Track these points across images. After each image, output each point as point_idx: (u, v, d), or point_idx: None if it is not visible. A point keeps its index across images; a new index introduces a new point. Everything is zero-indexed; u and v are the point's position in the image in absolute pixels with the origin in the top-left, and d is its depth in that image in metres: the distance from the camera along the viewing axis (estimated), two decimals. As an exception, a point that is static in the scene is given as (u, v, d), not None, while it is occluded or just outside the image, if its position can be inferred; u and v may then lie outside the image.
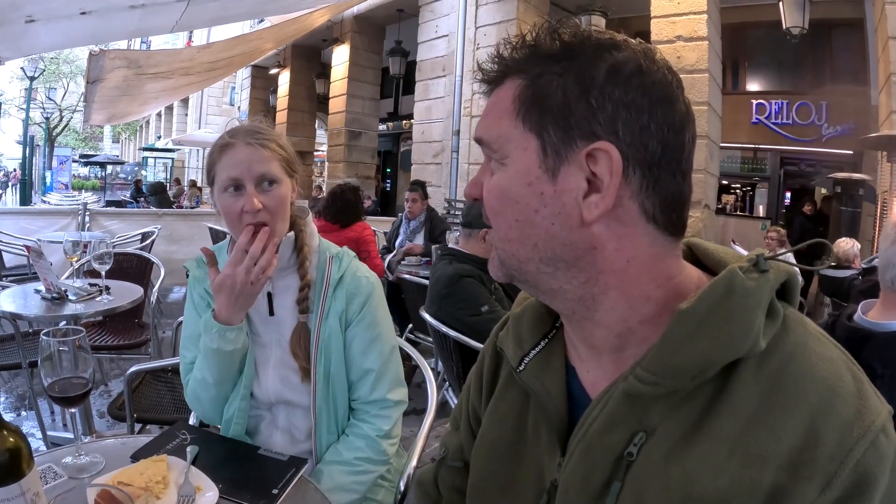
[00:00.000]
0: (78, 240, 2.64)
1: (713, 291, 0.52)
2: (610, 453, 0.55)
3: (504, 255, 0.59)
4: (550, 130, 0.54)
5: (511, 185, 0.56)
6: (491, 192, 0.58)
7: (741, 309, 0.50)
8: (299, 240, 1.23)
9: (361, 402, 1.24)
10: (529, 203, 0.55)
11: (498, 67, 0.59)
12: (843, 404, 0.48)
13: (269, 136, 1.18)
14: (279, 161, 1.18)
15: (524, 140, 0.55)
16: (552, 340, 0.66)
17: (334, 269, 1.23)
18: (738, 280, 0.51)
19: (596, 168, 0.53)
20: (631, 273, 0.55)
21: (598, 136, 0.52)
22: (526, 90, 0.55)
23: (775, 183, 10.35)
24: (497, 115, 0.58)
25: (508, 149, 0.56)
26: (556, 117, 0.54)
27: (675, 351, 0.51)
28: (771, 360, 0.50)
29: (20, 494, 0.65)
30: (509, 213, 0.57)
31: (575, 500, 0.57)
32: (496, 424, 0.70)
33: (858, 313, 1.39)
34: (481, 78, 0.61)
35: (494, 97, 0.59)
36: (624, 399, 0.55)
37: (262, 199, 1.13)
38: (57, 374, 0.99)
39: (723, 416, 0.50)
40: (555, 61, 0.55)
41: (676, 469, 0.50)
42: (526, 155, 0.55)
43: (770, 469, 0.47)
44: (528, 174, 0.55)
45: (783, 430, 0.47)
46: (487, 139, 0.58)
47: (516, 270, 0.59)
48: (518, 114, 0.56)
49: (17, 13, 3.49)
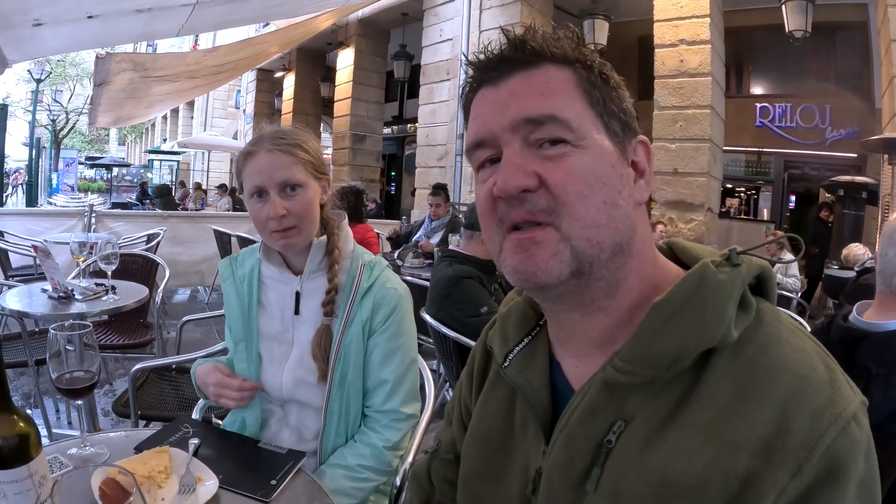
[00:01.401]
0: (84, 241, 2.68)
1: (686, 284, 0.54)
2: (590, 441, 0.56)
3: (584, 246, 0.54)
4: (612, 121, 0.58)
5: (597, 167, 0.55)
6: (574, 175, 0.54)
7: (713, 300, 0.52)
8: (331, 243, 1.24)
9: (374, 411, 1.24)
10: (615, 184, 0.56)
11: (526, 47, 0.58)
12: (814, 392, 0.49)
13: (292, 141, 1.19)
14: (303, 165, 1.19)
15: (597, 125, 0.57)
16: (535, 337, 0.68)
17: (365, 277, 1.24)
18: (709, 273, 0.54)
19: (636, 158, 0.60)
20: (645, 254, 0.60)
21: (635, 131, 0.60)
22: (584, 80, 0.57)
23: (779, 186, 10.33)
24: (566, 95, 0.57)
25: (586, 130, 0.56)
26: (613, 110, 0.58)
27: (650, 341, 0.53)
28: (745, 350, 0.52)
29: (28, 476, 0.68)
30: (598, 196, 0.55)
31: (558, 486, 0.58)
32: (486, 418, 0.72)
33: (853, 314, 1.40)
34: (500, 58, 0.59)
35: (540, 78, 0.57)
36: (603, 388, 0.56)
37: (286, 205, 1.15)
38: (64, 368, 1.02)
39: (698, 404, 0.51)
40: (584, 61, 0.58)
41: (654, 456, 0.52)
42: (602, 138, 0.57)
43: (744, 455, 0.48)
44: (610, 156, 0.57)
45: (756, 417, 0.48)
46: (564, 116, 0.55)
47: (591, 262, 0.55)
48: (586, 100, 0.57)
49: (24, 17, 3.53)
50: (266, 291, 1.28)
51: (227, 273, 1.31)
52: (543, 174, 0.54)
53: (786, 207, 10.46)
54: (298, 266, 1.25)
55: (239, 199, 11.35)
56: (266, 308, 1.27)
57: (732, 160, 10.00)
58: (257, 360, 1.25)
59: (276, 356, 1.25)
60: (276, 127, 1.24)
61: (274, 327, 1.26)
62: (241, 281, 1.29)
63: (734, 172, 10.27)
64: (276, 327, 1.26)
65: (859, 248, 4.66)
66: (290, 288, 1.25)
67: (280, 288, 1.26)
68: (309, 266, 1.22)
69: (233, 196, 11.50)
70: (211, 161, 19.38)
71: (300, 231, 1.18)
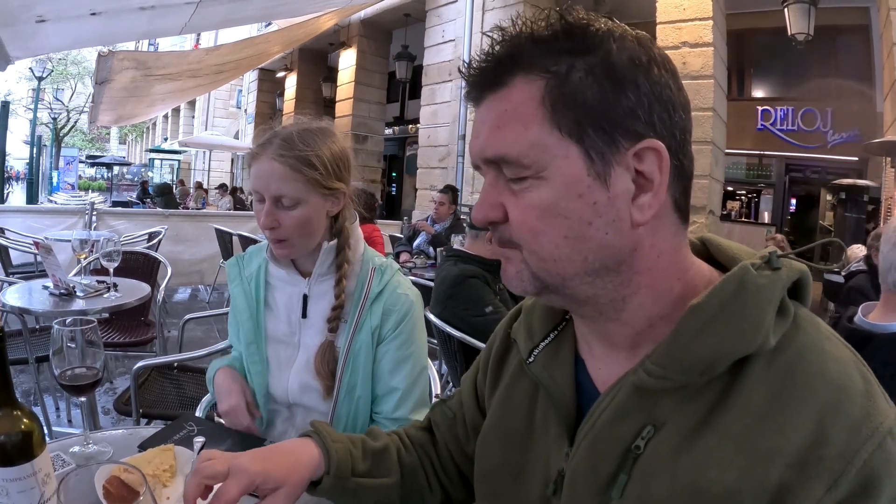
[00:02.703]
0: (86, 238, 2.67)
1: (725, 287, 0.52)
2: (618, 445, 0.55)
3: (543, 273, 0.54)
4: (591, 133, 0.50)
5: (558, 201, 0.51)
6: (528, 213, 0.52)
7: (752, 305, 0.50)
8: (340, 257, 1.19)
9: (384, 418, 1.21)
10: (582, 216, 0.51)
11: (498, 64, 0.53)
12: (851, 404, 0.47)
13: (300, 154, 1.10)
14: (305, 182, 1.10)
15: (562, 147, 0.51)
16: (562, 333, 0.66)
17: (375, 282, 1.19)
18: (750, 276, 0.51)
19: (642, 167, 0.51)
20: (661, 268, 0.55)
21: (641, 134, 0.51)
22: (554, 90, 0.50)
23: (780, 189, 10.34)
24: (519, 123, 0.51)
25: (545, 160, 0.51)
26: (595, 118, 0.50)
27: (685, 346, 0.51)
28: (781, 357, 0.50)
29: (32, 474, 0.67)
30: (556, 231, 0.52)
31: (582, 491, 0.57)
32: (507, 413, 0.70)
33: (859, 315, 1.40)
34: (474, 79, 0.55)
35: (502, 103, 0.53)
36: (633, 392, 0.54)
37: (278, 217, 1.11)
38: (67, 364, 1.01)
39: (732, 411, 0.50)
40: (573, 54, 0.51)
41: (684, 463, 0.50)
42: (569, 163, 0.51)
43: (777, 466, 0.46)
44: (578, 184, 0.51)
45: (791, 427, 0.47)
46: (512, 155, 0.51)
47: (556, 286, 0.55)
48: (550, 118, 0.50)
49: (27, 13, 3.52)
50: (273, 292, 1.25)
51: (235, 273, 1.27)
52: (508, 211, 0.54)
53: (787, 211, 10.46)
54: (307, 268, 1.22)
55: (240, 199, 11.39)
56: (273, 309, 1.25)
57: (733, 163, 10.00)
58: (265, 362, 1.23)
59: (281, 359, 1.22)
60: (291, 129, 1.15)
61: (280, 329, 1.23)
62: (248, 281, 1.26)
63: (735, 175, 10.27)
64: (282, 329, 1.23)
65: (861, 249, 4.64)
66: (298, 290, 1.22)
67: (287, 289, 1.23)
68: (318, 269, 1.19)
69: (234, 196, 11.51)
70: (212, 161, 19.38)
71: (292, 244, 1.14)
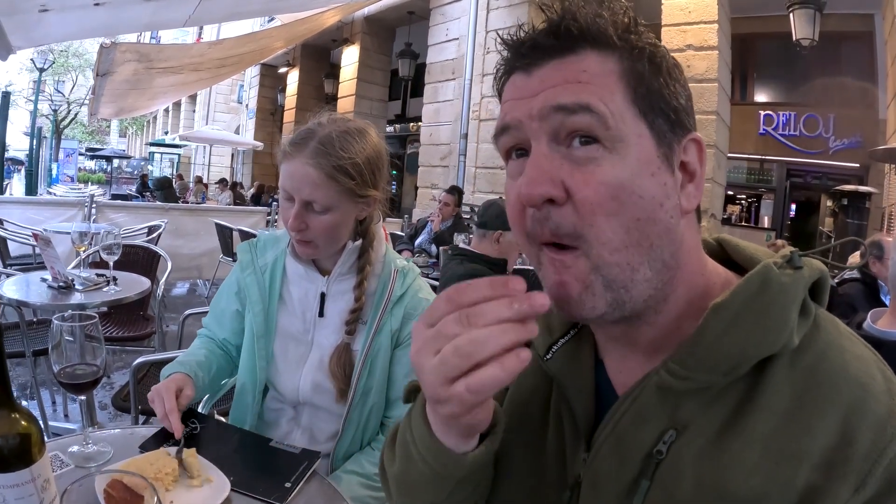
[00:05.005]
0: (86, 231, 2.63)
1: (748, 286, 0.50)
2: (639, 450, 0.53)
3: (615, 272, 0.49)
4: (659, 118, 0.51)
5: (633, 178, 0.49)
6: (601, 191, 0.48)
7: (776, 304, 0.49)
8: (365, 256, 1.18)
9: (395, 422, 1.20)
10: (655, 196, 0.49)
11: (568, 31, 0.51)
12: (875, 402, 0.47)
13: (336, 162, 1.07)
14: (338, 190, 1.08)
15: (637, 126, 0.50)
16: (581, 330, 0.64)
17: (398, 285, 1.18)
18: (773, 275, 0.50)
19: (687, 157, 0.53)
20: (692, 264, 0.54)
21: (688, 127, 0.53)
22: (629, 71, 0.50)
23: (781, 194, 10.33)
24: (604, 88, 0.49)
25: (624, 132, 0.49)
26: (661, 105, 0.51)
27: (710, 344, 0.50)
28: (804, 357, 0.49)
29: (30, 480, 0.63)
30: (630, 213, 0.48)
31: (602, 497, 0.55)
32: (517, 409, 0.68)
33: (868, 322, 1.39)
34: (533, 42, 0.52)
35: (578, 65, 0.50)
36: (655, 393, 0.53)
37: (307, 220, 1.09)
38: (67, 360, 0.98)
39: (756, 413, 0.49)
40: (633, 46, 0.51)
41: (708, 467, 0.49)
42: (643, 141, 0.50)
43: (804, 468, 0.45)
44: (651, 163, 0.50)
45: (817, 428, 0.46)
46: (601, 110, 0.48)
47: (627, 287, 0.50)
48: (628, 95, 0.50)
49: (30, 2, 3.49)
50: (288, 286, 1.22)
51: (248, 261, 1.23)
52: (571, 188, 0.49)
53: (787, 216, 10.46)
54: (326, 265, 1.19)
55: (240, 194, 11.34)
56: (287, 304, 1.22)
57: (734, 167, 9.99)
58: (271, 357, 1.20)
59: (291, 356, 1.19)
60: (330, 130, 1.10)
61: (294, 326, 1.20)
62: (262, 271, 1.22)
63: (736, 179, 10.26)
64: (296, 326, 1.20)
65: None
66: (315, 287, 1.19)
67: (304, 285, 1.21)
68: (338, 269, 1.17)
69: (234, 191, 11.47)
70: (212, 155, 19.31)
71: (317, 246, 1.13)
